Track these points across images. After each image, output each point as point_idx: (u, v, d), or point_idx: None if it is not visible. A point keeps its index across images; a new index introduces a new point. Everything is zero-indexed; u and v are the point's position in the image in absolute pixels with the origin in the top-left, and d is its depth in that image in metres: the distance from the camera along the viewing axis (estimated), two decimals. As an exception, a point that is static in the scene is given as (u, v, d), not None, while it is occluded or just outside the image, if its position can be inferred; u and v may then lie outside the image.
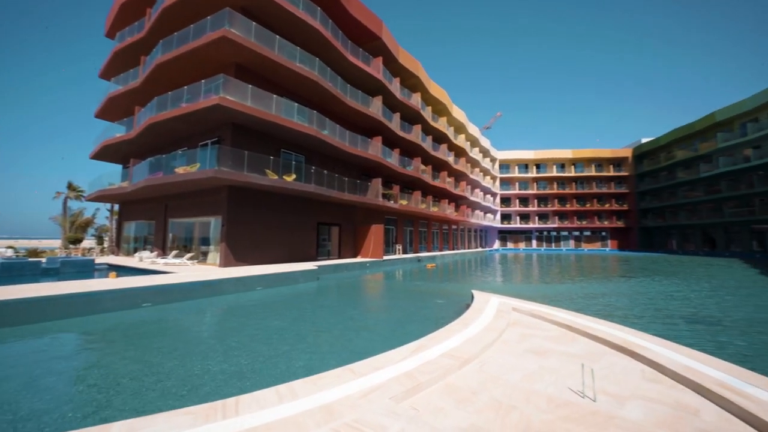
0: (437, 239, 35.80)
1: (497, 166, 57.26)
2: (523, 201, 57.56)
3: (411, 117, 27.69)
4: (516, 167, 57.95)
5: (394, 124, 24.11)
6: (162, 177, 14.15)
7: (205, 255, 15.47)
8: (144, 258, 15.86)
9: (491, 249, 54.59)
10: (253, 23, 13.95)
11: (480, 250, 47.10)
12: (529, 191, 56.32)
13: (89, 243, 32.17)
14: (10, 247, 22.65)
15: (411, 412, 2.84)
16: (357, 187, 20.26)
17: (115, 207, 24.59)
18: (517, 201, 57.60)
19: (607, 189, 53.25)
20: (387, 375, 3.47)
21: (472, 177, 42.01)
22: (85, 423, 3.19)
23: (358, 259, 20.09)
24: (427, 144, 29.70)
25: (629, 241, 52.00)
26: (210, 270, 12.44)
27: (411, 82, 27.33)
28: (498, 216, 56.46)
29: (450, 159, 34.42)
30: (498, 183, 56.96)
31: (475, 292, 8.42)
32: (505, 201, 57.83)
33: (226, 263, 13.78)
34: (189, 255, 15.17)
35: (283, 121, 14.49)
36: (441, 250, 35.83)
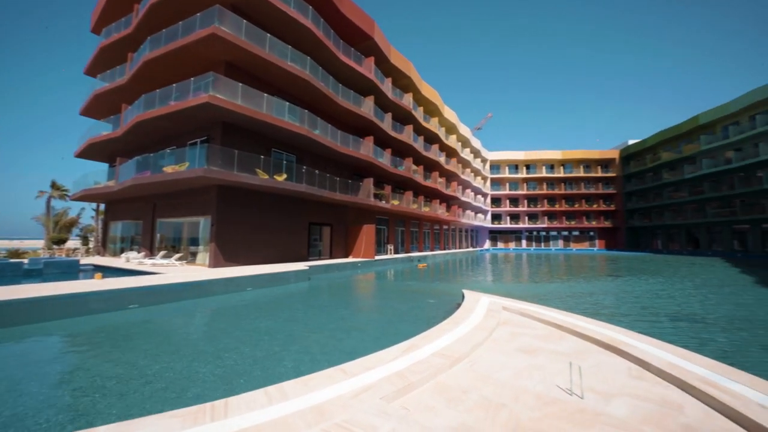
0: (429, 239, 35.96)
1: (488, 166, 57.77)
2: (514, 201, 58.23)
3: (403, 117, 27.74)
4: (506, 168, 58.59)
5: (385, 124, 24.13)
6: (150, 176, 13.89)
7: (194, 255, 15.25)
8: (131, 258, 15.56)
9: (482, 249, 55.03)
10: (244, 21, 13.80)
11: (471, 249, 47.44)
12: (519, 192, 56.98)
13: (74, 243, 31.42)
14: (-10, 248, 21.98)
15: (402, 411, 2.84)
16: (348, 187, 20.21)
17: (101, 206, 24.08)
18: (508, 201, 58.23)
19: (595, 190, 54.24)
20: (378, 375, 3.47)
21: (463, 177, 42.29)
22: (70, 427, 3.12)
23: (349, 259, 20.04)
24: (419, 144, 29.80)
25: (616, 241, 53.02)
26: (199, 271, 12.26)
27: (403, 82, 27.38)
28: (489, 216, 56.98)
29: (441, 159, 34.59)
30: (489, 183, 57.48)
31: (466, 291, 8.49)
32: (496, 201, 58.42)
33: (215, 264, 13.61)
34: (177, 255, 14.94)
35: (274, 120, 14.38)
36: (432, 250, 35.99)
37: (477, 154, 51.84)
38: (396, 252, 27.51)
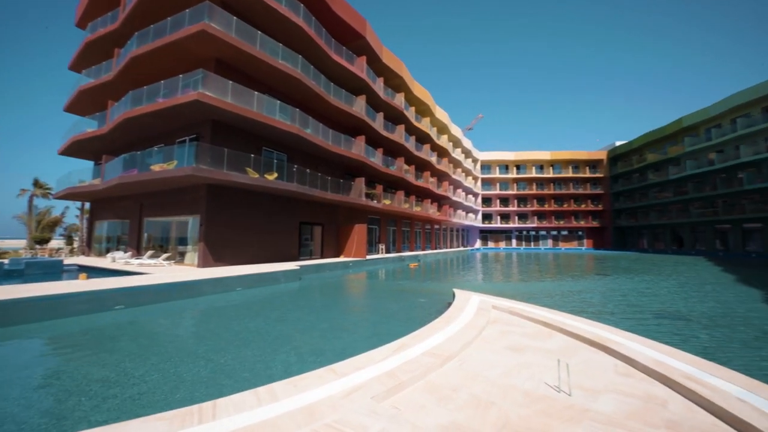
0: (420, 239, 36.08)
1: (479, 166, 58.26)
2: (504, 201, 58.85)
3: (394, 117, 27.76)
4: (497, 168, 59.20)
5: (377, 123, 24.11)
6: (137, 174, 13.62)
7: (183, 255, 15.01)
8: (117, 258, 15.24)
9: (473, 248, 55.47)
10: (234, 18, 13.63)
11: (462, 249, 47.77)
12: (510, 192, 57.62)
13: (57, 243, 30.67)
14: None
15: (392, 411, 2.85)
16: (340, 187, 20.14)
17: (86, 205, 23.53)
18: (498, 201, 58.83)
19: (584, 190, 55.20)
20: (369, 374, 3.47)
21: (454, 177, 42.53)
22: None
23: (341, 259, 19.98)
24: (411, 144, 29.87)
25: (604, 241, 54.02)
26: (188, 271, 12.07)
27: (395, 82, 27.39)
28: (479, 216, 57.45)
29: (433, 159, 34.74)
30: (479, 183, 57.95)
31: (457, 290, 8.54)
32: (486, 201, 58.97)
33: (204, 263, 13.42)
34: (165, 255, 14.69)
35: (265, 119, 14.23)
36: (424, 249, 36.11)
37: (468, 154, 52.20)
38: (387, 252, 27.53)
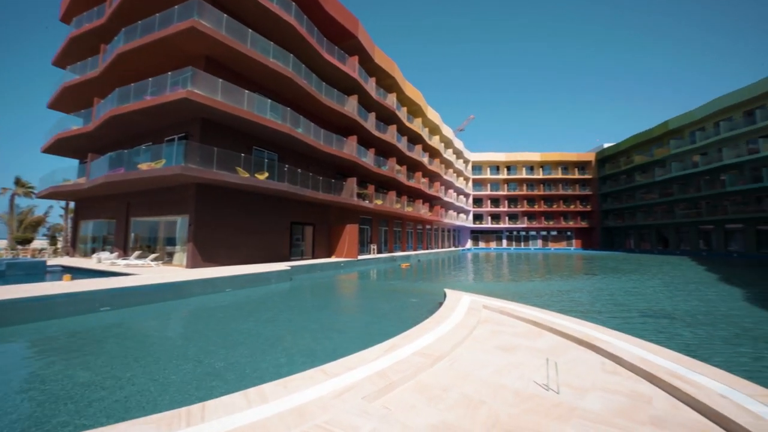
0: (411, 239, 36.17)
1: (470, 167, 58.67)
2: (495, 202, 59.40)
3: (386, 117, 27.77)
4: (488, 169, 59.72)
5: (369, 123, 24.08)
6: (124, 173, 13.35)
7: (171, 256, 14.77)
8: (103, 259, 14.91)
9: (464, 248, 55.85)
10: (225, 15, 13.47)
11: (453, 249, 48.05)
12: (500, 192, 58.19)
13: (40, 243, 29.92)
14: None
15: (383, 411, 2.85)
16: (331, 187, 20.06)
17: (71, 205, 22.98)
18: (489, 202, 59.36)
19: (573, 191, 56.06)
20: (360, 375, 3.46)
21: (446, 178, 42.75)
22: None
23: (332, 259, 19.91)
24: (402, 144, 29.92)
25: (592, 241, 54.94)
26: (176, 271, 11.88)
27: (387, 82, 27.41)
28: (470, 216, 57.87)
29: (424, 160, 34.86)
30: (471, 184, 58.37)
31: (448, 290, 8.59)
32: (477, 201, 59.45)
33: (193, 264, 13.23)
34: (153, 256, 14.42)
35: (256, 118, 14.09)
36: (415, 249, 36.21)
37: (459, 155, 52.53)
38: (379, 252, 27.52)
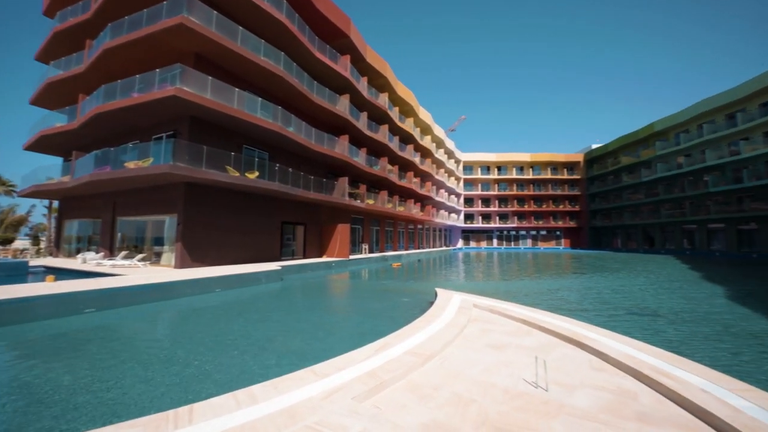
0: (403, 238, 36.24)
1: (461, 167, 59.07)
2: (485, 202, 59.96)
3: (378, 117, 27.77)
4: (479, 169, 60.25)
5: (361, 123, 24.05)
6: (110, 172, 13.06)
7: (159, 256, 14.52)
8: (88, 259, 14.57)
9: (455, 248, 56.23)
10: (215, 12, 13.29)
11: (444, 249, 48.32)
12: (491, 192, 58.77)
13: (23, 243, 29.11)
14: None
15: (373, 410, 2.85)
16: (323, 186, 19.97)
17: (54, 204, 22.40)
18: (480, 202, 59.88)
19: (562, 191, 56.98)
20: (350, 375, 3.46)
21: (437, 178, 42.95)
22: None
23: (323, 259, 19.82)
24: (394, 144, 29.94)
25: (580, 240, 55.86)
26: (164, 272, 11.69)
27: (378, 81, 27.40)
28: (462, 216, 58.29)
29: (416, 159, 34.96)
30: (462, 184, 58.77)
31: (439, 290, 8.64)
32: (468, 201, 59.93)
33: (182, 264, 13.02)
34: (140, 256, 14.16)
35: (246, 116, 13.94)
36: (407, 249, 36.30)
37: (451, 155, 52.82)
38: (371, 251, 27.50)
